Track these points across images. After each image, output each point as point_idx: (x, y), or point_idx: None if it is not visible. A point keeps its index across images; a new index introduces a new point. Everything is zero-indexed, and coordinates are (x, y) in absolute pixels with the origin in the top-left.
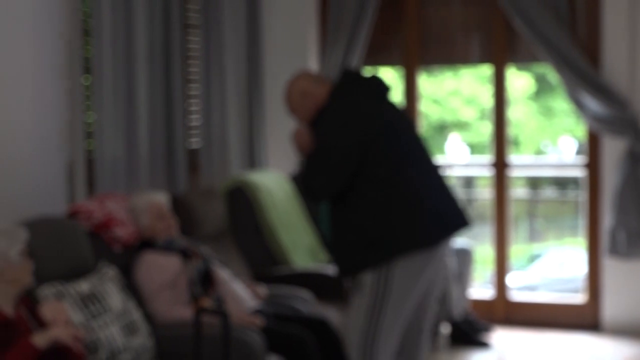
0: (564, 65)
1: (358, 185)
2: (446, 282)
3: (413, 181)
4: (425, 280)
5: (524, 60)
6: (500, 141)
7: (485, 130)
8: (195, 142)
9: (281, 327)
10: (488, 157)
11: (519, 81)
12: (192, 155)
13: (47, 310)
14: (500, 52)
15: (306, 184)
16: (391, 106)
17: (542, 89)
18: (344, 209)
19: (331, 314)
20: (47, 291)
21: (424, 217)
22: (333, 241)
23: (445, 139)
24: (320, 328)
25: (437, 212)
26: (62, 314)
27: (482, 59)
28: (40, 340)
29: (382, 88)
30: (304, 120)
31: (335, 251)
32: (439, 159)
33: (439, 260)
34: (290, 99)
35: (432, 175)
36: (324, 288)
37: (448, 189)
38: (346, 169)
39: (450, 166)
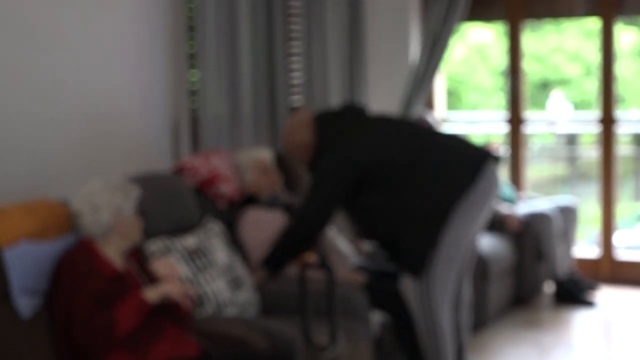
0: None
1: (378, 195)
2: (551, 240)
3: (420, 174)
4: (475, 224)
5: (632, 13)
6: (608, 97)
7: (589, 87)
8: (297, 100)
9: (383, 283)
10: (594, 113)
11: (626, 36)
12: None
13: (160, 266)
14: (607, 5)
15: (302, 216)
16: (374, 118)
17: None
18: (379, 220)
19: None
20: (154, 246)
21: (452, 172)
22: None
23: (547, 96)
24: None
25: (461, 164)
26: (173, 270)
27: (588, 12)
28: (151, 294)
29: (357, 110)
30: (304, 163)
31: (398, 258)
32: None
33: (482, 201)
34: (288, 148)
35: (439, 146)
36: None
37: (460, 147)
38: (338, 198)
39: (553, 123)
